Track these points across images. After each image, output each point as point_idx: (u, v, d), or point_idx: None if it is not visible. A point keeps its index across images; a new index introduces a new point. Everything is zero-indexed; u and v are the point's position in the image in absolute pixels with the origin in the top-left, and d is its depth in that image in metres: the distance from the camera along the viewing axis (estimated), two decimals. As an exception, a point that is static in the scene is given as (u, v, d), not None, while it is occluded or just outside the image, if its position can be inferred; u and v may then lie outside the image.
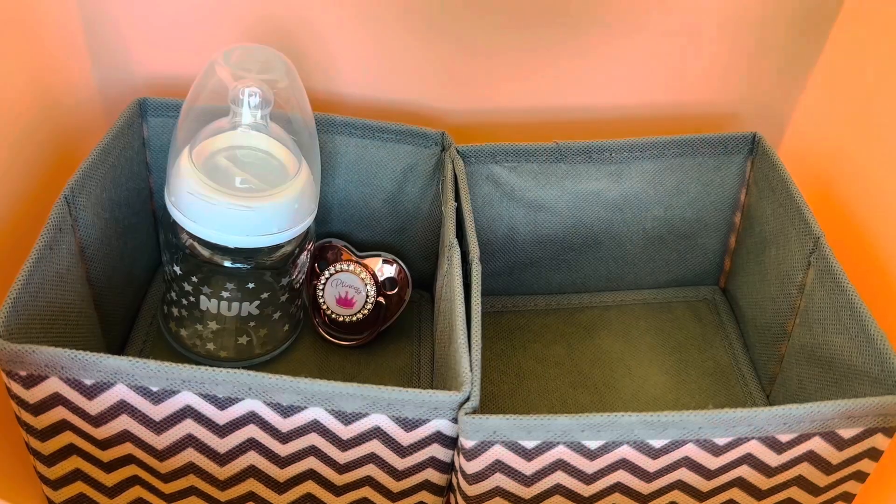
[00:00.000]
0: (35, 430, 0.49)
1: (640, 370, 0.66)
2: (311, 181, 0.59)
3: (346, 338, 0.66)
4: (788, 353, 0.61)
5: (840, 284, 0.55)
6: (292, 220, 0.57)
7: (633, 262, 0.70)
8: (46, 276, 0.51)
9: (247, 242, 0.56)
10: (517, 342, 0.68)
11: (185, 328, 0.62)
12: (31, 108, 0.62)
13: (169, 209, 0.57)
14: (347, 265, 0.65)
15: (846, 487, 0.52)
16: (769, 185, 0.64)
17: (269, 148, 0.58)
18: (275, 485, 0.51)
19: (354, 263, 0.65)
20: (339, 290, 0.65)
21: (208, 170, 0.56)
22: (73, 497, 0.53)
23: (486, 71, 0.68)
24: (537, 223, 0.67)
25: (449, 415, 0.47)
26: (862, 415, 0.48)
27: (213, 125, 0.57)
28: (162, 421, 0.48)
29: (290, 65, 0.58)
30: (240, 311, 0.60)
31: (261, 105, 0.57)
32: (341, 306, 0.65)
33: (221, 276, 0.59)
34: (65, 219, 0.53)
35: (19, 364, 0.46)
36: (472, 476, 0.48)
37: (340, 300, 0.65)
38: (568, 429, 0.46)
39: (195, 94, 0.58)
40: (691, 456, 0.48)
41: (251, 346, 0.63)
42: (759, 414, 0.47)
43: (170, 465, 0.50)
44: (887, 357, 0.51)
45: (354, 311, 0.65)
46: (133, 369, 0.46)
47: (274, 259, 0.59)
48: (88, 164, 0.56)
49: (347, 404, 0.47)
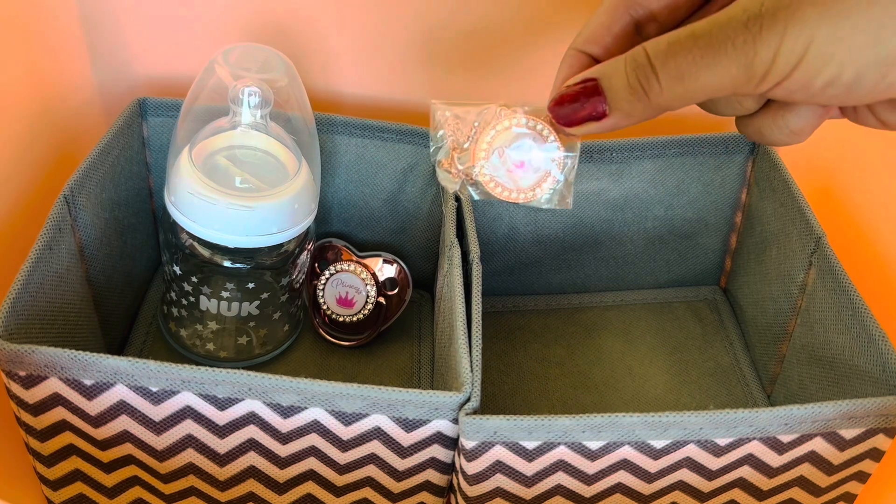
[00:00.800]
0: (34, 431, 0.49)
1: (640, 370, 0.66)
2: (310, 181, 0.59)
3: (346, 338, 0.66)
4: (789, 354, 0.61)
5: (841, 284, 0.55)
6: (292, 219, 0.57)
7: (634, 262, 0.70)
8: (46, 276, 0.51)
9: (246, 242, 0.56)
10: (517, 342, 0.68)
11: (184, 328, 0.62)
12: (31, 107, 0.62)
13: (168, 209, 0.57)
14: (348, 265, 0.65)
15: (848, 488, 0.52)
16: (770, 184, 0.64)
17: (268, 147, 0.58)
18: (275, 485, 0.51)
19: (355, 263, 0.65)
20: (339, 290, 0.65)
21: (208, 169, 0.56)
22: (72, 497, 0.53)
23: (485, 69, 0.68)
24: (538, 223, 0.67)
25: (449, 415, 0.47)
26: (863, 415, 0.48)
27: (212, 125, 0.57)
28: (162, 421, 0.48)
29: (289, 64, 0.58)
30: (240, 311, 0.60)
31: (260, 104, 0.57)
32: (342, 306, 0.65)
33: (221, 276, 0.59)
34: (64, 218, 0.53)
35: (19, 364, 0.46)
36: (472, 477, 0.48)
37: (341, 300, 0.65)
38: (569, 429, 0.46)
39: (195, 94, 0.58)
40: (692, 456, 0.48)
41: (251, 347, 0.62)
42: (760, 414, 0.47)
43: (170, 465, 0.50)
44: (889, 357, 0.50)
45: (355, 312, 0.65)
46: (133, 369, 0.46)
47: (274, 259, 0.59)
48: (88, 164, 0.56)
49: (347, 405, 0.47)
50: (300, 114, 0.59)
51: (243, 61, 0.57)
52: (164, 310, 0.63)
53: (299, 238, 0.60)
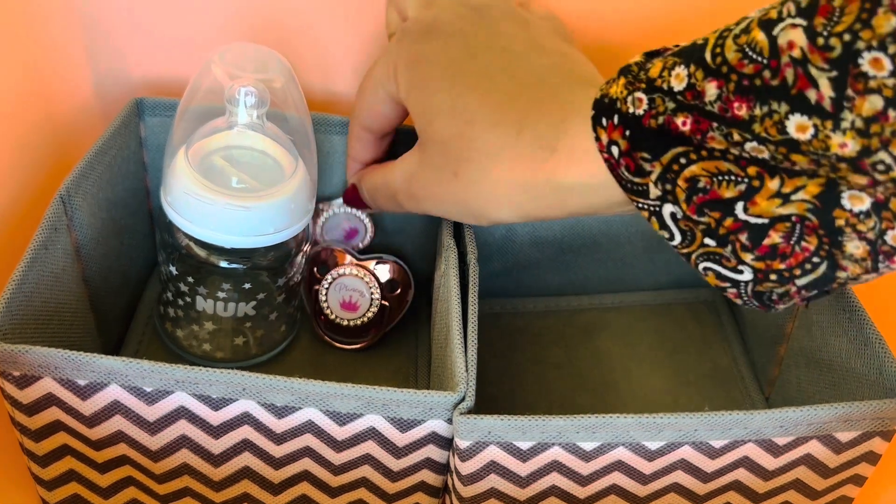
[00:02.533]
0: (29, 431, 0.49)
1: (639, 372, 0.66)
2: (307, 181, 0.59)
3: (349, 341, 0.65)
4: (787, 356, 0.61)
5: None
6: (289, 219, 0.57)
7: (633, 264, 0.70)
8: (41, 275, 0.51)
9: (243, 243, 0.56)
10: (516, 344, 0.68)
11: (181, 329, 0.62)
12: (28, 107, 0.62)
13: (165, 209, 0.57)
14: (350, 269, 0.65)
15: (844, 491, 0.52)
16: (768, 186, 0.63)
17: (265, 148, 0.58)
18: (269, 486, 0.51)
19: (357, 266, 0.65)
20: (342, 294, 0.65)
21: (204, 170, 0.56)
22: (67, 498, 0.53)
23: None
24: (536, 224, 0.67)
25: (444, 415, 0.47)
26: (859, 418, 0.48)
27: (209, 125, 0.57)
28: (156, 422, 0.48)
29: (286, 64, 0.58)
30: (236, 311, 0.60)
31: (257, 104, 0.57)
32: (346, 310, 0.65)
33: (218, 276, 0.59)
34: (60, 218, 0.53)
35: (13, 364, 0.46)
36: (466, 477, 0.48)
37: (345, 304, 0.65)
38: (563, 430, 0.46)
39: (191, 94, 0.58)
40: (687, 458, 0.48)
41: (247, 347, 0.62)
42: (755, 417, 0.47)
43: (164, 465, 0.50)
44: (885, 361, 0.50)
45: (359, 315, 0.65)
46: (127, 370, 0.46)
47: (270, 259, 0.59)
48: (84, 164, 0.56)
49: (342, 405, 0.47)
50: (297, 114, 0.59)
51: (239, 61, 0.57)
52: (160, 310, 0.63)
53: (296, 238, 0.60)
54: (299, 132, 0.59)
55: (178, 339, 0.62)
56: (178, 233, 0.57)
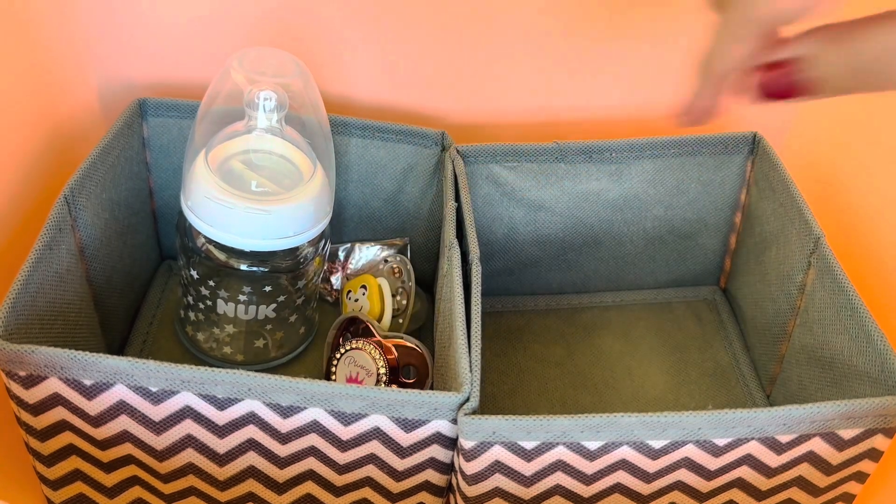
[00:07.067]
0: (34, 431, 0.49)
1: (640, 370, 0.66)
2: (325, 184, 0.59)
3: None
4: (789, 354, 0.61)
5: (840, 285, 0.55)
6: (308, 223, 0.57)
7: (634, 263, 0.70)
8: (46, 276, 0.51)
9: (263, 246, 0.56)
10: (517, 342, 0.68)
11: (201, 332, 0.62)
12: (31, 109, 0.62)
13: (185, 213, 0.57)
14: (362, 343, 0.60)
15: (846, 488, 0.52)
16: (769, 185, 0.64)
17: (284, 151, 0.58)
18: (274, 485, 0.51)
19: (370, 343, 0.60)
20: (350, 368, 0.61)
21: (224, 174, 0.56)
22: (72, 497, 0.53)
23: (486, 71, 0.68)
24: (537, 223, 0.67)
25: (448, 415, 0.47)
26: (862, 415, 0.48)
27: (228, 129, 0.57)
28: (161, 421, 0.48)
29: (304, 68, 0.58)
30: (256, 314, 0.60)
31: (276, 108, 0.57)
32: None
33: (238, 279, 0.59)
34: (64, 219, 0.53)
35: (19, 364, 0.46)
36: (471, 477, 0.48)
37: (350, 380, 0.61)
38: (567, 429, 0.46)
39: (211, 98, 0.58)
40: (691, 457, 0.48)
41: (267, 350, 0.62)
42: (758, 415, 0.47)
43: (169, 465, 0.50)
44: (887, 357, 0.51)
45: None
46: (132, 369, 0.46)
47: (290, 262, 0.59)
48: (88, 164, 0.56)
49: (347, 405, 0.47)
50: (315, 117, 0.59)
51: (258, 65, 0.57)
52: (180, 314, 0.63)
53: (315, 241, 0.60)
54: (317, 135, 0.59)
55: (199, 343, 0.62)
56: (198, 236, 0.57)
